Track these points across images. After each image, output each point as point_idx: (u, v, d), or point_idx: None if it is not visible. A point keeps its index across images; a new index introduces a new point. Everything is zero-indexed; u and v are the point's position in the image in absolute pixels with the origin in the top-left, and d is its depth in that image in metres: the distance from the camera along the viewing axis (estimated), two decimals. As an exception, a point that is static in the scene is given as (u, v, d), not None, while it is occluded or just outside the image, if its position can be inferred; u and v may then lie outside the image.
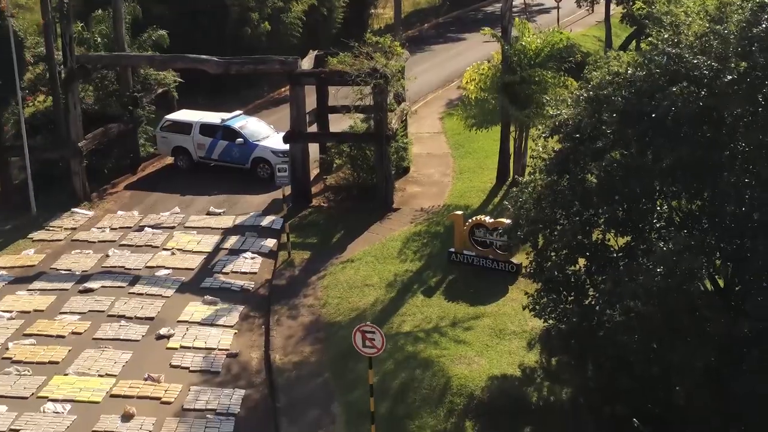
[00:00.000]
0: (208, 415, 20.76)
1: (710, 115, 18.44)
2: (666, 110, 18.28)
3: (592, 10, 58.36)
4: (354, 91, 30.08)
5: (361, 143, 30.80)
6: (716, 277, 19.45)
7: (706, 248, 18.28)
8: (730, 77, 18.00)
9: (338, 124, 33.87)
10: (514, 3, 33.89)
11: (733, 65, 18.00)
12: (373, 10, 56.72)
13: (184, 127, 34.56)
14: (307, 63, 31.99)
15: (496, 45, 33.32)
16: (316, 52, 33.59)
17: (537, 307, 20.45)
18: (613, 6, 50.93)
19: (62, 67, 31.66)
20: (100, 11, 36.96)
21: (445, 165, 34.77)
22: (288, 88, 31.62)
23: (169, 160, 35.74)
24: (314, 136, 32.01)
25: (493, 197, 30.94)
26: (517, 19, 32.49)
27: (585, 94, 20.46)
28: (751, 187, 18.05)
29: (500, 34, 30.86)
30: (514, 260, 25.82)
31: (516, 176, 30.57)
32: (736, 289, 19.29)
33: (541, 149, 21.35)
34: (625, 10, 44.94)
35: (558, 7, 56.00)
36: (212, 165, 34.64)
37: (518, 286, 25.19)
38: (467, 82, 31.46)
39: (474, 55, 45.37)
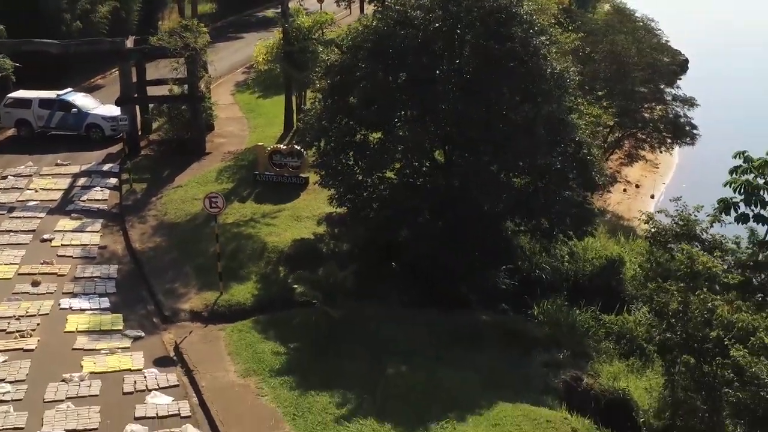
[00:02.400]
0: (95, 279, 29.15)
1: (425, 48, 28.77)
2: (398, 46, 28.52)
3: (350, 12, 68.88)
4: (170, 64, 38.84)
5: (178, 104, 39.58)
6: (438, 153, 29.87)
7: (429, 134, 28.66)
8: (436, 24, 28.48)
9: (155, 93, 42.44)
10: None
11: (438, 14, 28.46)
12: (159, 14, 64.92)
13: (25, 103, 42.00)
14: (129, 44, 40.42)
15: (269, 40, 43.25)
16: (134, 37, 42.01)
17: (333, 199, 30.07)
18: (366, 6, 61.48)
19: None
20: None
21: (242, 124, 44.07)
22: (107, 72, 39.76)
23: (11, 132, 43.00)
24: (141, 99, 40.46)
25: (282, 141, 40.46)
26: (292, 4, 42.20)
27: (346, 44, 30.46)
28: (457, 91, 28.46)
29: (281, 16, 40.55)
30: (303, 175, 35.49)
31: (299, 123, 40.13)
32: (452, 160, 29.69)
33: (318, 85, 31.18)
34: (377, 7, 55.46)
35: (320, 9, 66.15)
36: (50, 134, 42.25)
37: (307, 192, 34.91)
38: (257, 55, 40.86)
39: (251, 50, 54.89)
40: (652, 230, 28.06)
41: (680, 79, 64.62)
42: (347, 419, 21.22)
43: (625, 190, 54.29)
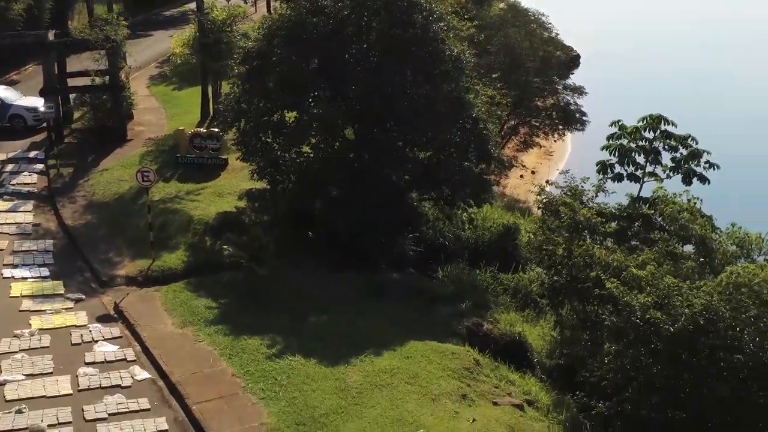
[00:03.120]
0: (33, 252, 31.26)
1: (336, 34, 31.65)
2: (310, 33, 31.37)
3: (255, 10, 71.28)
4: (92, 56, 40.95)
5: (100, 93, 41.67)
6: (349, 131, 32.78)
7: (340, 112, 31.57)
8: (345, 12, 31.41)
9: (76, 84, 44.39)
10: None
11: (347, 2, 31.38)
12: (70, 13, 66.37)
13: (-50, 97, 43.58)
14: (51, 37, 42.33)
15: (186, 33, 45.65)
16: (54, 31, 43.88)
17: (254, 173, 32.73)
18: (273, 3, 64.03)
19: None
20: None
21: (159, 114, 46.28)
22: (22, 68, 41.47)
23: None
24: (64, 90, 42.36)
25: (200, 127, 42.86)
26: (205, -1, 44.69)
27: (262, 32, 33.17)
28: (365, 73, 31.39)
29: (197, 9, 43.01)
30: (223, 156, 38.04)
31: (219, 106, 42.23)
32: (362, 136, 32.63)
33: (232, 74, 33.83)
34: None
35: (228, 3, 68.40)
36: (-27, 125, 43.85)
37: (227, 171, 37.50)
38: (175, 47, 43.21)
39: (163, 45, 57.40)
40: (544, 200, 31.54)
41: (573, 73, 69.20)
42: (277, 356, 23.98)
43: (521, 176, 58.02)
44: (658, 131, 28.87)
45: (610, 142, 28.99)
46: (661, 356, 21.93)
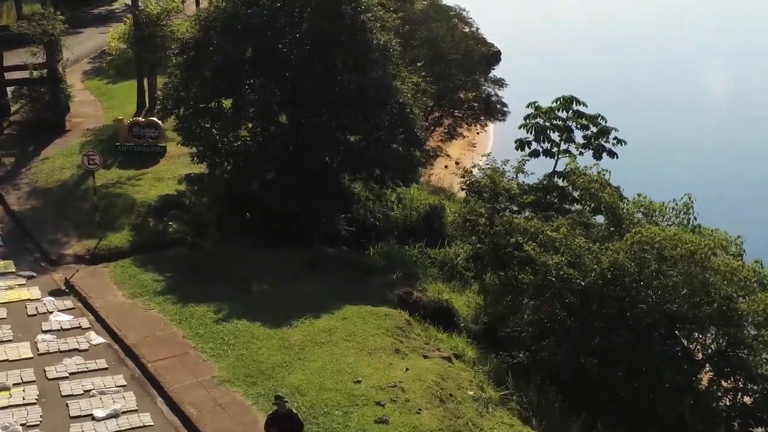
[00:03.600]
0: (-19, 237, 32.67)
1: (269, 25, 33.55)
2: (245, 24, 33.26)
3: (184, 7, 72.64)
4: (29, 51, 42.23)
5: (39, 86, 42.92)
6: (282, 117, 34.77)
7: (275, 98, 33.51)
8: (278, 4, 33.37)
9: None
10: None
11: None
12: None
13: None
14: (-14, 33, 43.56)
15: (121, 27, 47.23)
16: (-9, 27, 45.05)
17: (194, 157, 34.51)
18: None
19: None
20: None
21: (96, 106, 47.57)
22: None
23: None
24: (2, 83, 43.49)
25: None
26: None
27: (199, 23, 34.96)
28: (297, 61, 33.39)
29: (132, 4, 44.51)
30: (161, 144, 39.68)
31: (159, 93, 43.56)
32: (296, 120, 34.63)
33: (175, 61, 35.57)
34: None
35: None
36: None
37: (166, 158, 39.15)
38: (111, 40, 44.67)
39: (94, 42, 58.77)
40: (468, 182, 33.91)
41: (494, 68, 71.87)
42: (224, 320, 25.86)
43: (446, 166, 60.37)
44: (571, 111, 31.44)
45: (527, 121, 31.50)
46: (574, 308, 24.36)
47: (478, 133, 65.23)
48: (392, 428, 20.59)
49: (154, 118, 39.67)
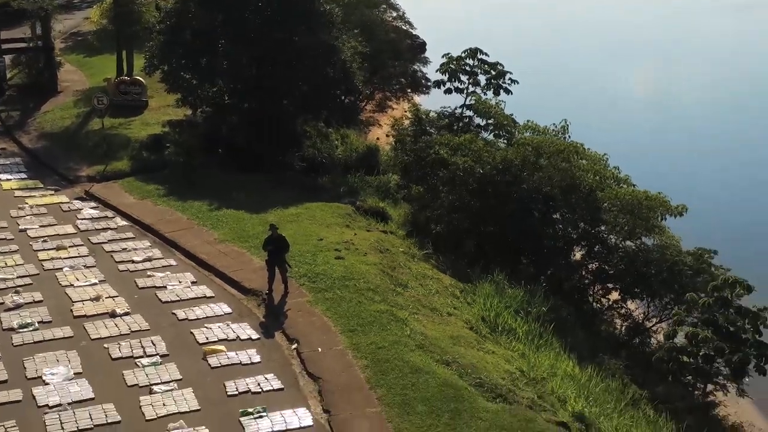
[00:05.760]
0: (8, 164, 40.58)
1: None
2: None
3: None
4: (26, 24, 50.23)
5: (35, 54, 50.86)
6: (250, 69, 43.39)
7: (243, 54, 42.12)
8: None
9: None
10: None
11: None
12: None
13: None
14: (-10, 9, 51.39)
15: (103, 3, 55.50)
16: (-8, 5, 52.86)
17: (179, 102, 42.88)
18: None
19: None
20: None
21: (79, 74, 55.64)
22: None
23: None
24: (4, 51, 51.28)
25: (118, 82, 52.53)
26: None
27: (178, -5, 43.43)
28: (261, 24, 41.98)
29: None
30: (144, 99, 48.00)
31: (145, 55, 51.60)
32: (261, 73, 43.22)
33: (158, 28, 44.07)
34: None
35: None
36: None
37: (149, 110, 47.54)
38: (93, 15, 52.81)
39: (67, 23, 66.42)
40: (397, 129, 42.93)
41: (423, 56, 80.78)
42: (216, 210, 34.42)
43: (378, 138, 69.02)
44: (476, 59, 40.72)
45: (443, 66, 40.75)
46: (475, 192, 33.48)
47: (405, 110, 73.99)
48: (347, 261, 29.41)
49: (138, 77, 47.90)
